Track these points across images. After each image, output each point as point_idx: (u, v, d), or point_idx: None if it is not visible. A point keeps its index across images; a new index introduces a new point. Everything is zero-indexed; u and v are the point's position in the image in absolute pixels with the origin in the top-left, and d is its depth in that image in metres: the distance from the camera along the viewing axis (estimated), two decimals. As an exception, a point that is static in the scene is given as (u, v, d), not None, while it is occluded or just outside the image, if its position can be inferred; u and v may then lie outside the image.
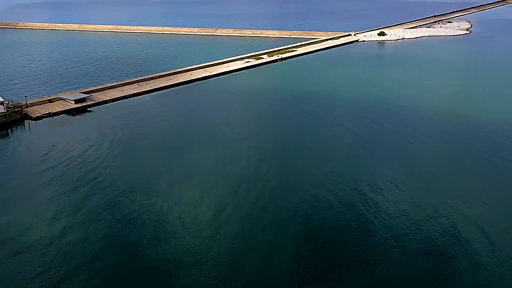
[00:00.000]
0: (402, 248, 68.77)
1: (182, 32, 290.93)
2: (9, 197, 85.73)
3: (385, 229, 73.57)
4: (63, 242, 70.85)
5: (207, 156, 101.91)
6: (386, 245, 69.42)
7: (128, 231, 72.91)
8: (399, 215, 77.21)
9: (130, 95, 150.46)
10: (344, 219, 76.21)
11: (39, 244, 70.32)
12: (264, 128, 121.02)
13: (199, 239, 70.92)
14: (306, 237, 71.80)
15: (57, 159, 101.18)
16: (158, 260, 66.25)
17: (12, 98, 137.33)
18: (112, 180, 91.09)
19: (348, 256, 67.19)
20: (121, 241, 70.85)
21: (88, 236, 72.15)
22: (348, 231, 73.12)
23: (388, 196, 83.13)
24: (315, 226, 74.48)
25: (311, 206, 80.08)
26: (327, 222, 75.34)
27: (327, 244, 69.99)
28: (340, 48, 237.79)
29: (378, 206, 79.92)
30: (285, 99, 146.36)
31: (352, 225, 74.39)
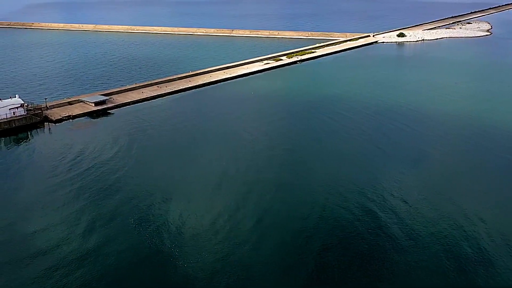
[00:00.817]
0: (423, 252, 67.77)
1: (198, 32, 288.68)
2: (33, 204, 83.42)
3: (403, 231, 72.46)
4: (94, 253, 68.45)
5: (228, 160, 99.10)
6: (404, 247, 68.56)
7: (155, 238, 70.51)
8: (426, 221, 74.35)
9: (150, 98, 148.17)
10: (366, 221, 74.07)
11: (70, 256, 67.84)
12: (285, 132, 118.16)
13: (230, 243, 68.68)
14: (327, 240, 70.33)
15: (78, 165, 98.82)
16: (190, 271, 63.82)
17: (32, 101, 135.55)
18: (136, 186, 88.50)
19: (366, 258, 66.40)
20: (150, 250, 68.46)
21: (121, 248, 69.63)
22: (371, 235, 71.19)
23: (410, 202, 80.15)
24: (340, 231, 72.50)
25: (336, 210, 77.53)
26: (354, 225, 72.83)
27: (348, 246, 69.19)
28: (359, 49, 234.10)
29: (400, 210, 77.08)
30: (306, 102, 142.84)
31: (372, 226, 72.73)
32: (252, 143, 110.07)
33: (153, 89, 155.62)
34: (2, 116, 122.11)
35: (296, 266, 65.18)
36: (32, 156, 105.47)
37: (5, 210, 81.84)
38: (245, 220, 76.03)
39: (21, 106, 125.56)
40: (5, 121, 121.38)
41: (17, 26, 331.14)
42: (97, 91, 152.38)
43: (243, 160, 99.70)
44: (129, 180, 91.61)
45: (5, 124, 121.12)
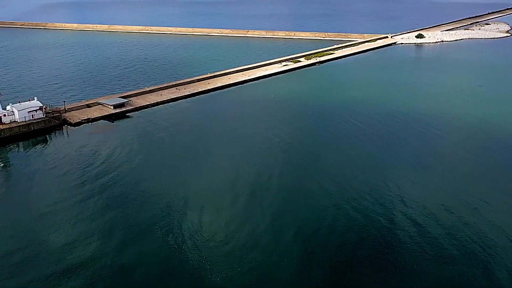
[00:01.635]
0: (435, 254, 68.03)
1: (213, 33, 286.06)
2: (55, 213, 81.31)
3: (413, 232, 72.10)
4: (125, 265, 65.99)
5: (247, 165, 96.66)
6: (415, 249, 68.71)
7: (184, 247, 67.88)
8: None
9: (169, 100, 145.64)
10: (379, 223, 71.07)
11: (98, 269, 65.63)
12: (305, 136, 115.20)
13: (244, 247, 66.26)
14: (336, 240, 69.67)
15: (99, 171, 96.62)
16: None
17: (50, 103, 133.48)
18: (158, 193, 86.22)
19: (379, 261, 66.54)
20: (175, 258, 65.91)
21: (150, 259, 67.18)
22: (385, 238, 70.05)
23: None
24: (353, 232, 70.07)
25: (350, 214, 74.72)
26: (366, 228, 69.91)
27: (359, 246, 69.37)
28: (378, 51, 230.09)
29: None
30: (326, 106, 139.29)
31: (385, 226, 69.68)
32: (273, 148, 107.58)
33: (172, 91, 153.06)
34: (21, 119, 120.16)
35: (311, 268, 65.33)
36: (51, 160, 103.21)
37: (27, 218, 79.89)
38: (270, 228, 74.41)
39: (40, 109, 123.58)
40: (24, 124, 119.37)
41: (31, 27, 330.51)
42: (116, 93, 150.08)
43: (262, 165, 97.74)
44: (151, 186, 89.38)
45: (24, 127, 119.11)
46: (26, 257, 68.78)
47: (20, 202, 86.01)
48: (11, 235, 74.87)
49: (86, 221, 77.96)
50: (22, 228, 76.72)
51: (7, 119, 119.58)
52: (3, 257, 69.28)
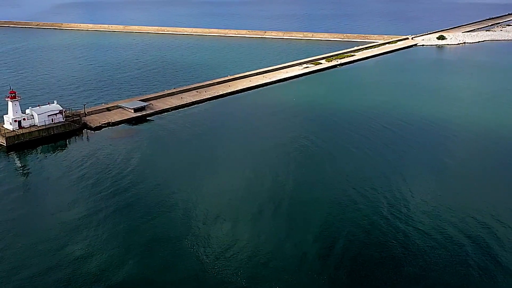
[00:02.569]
0: None
1: (229, 34, 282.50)
2: (73, 217, 79.05)
3: None
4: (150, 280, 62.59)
5: (270, 171, 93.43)
6: None
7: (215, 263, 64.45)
8: None
9: (189, 103, 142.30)
10: None
11: (116, 274, 62.26)
12: (327, 141, 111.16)
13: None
14: None
15: (119, 177, 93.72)
16: None
17: (69, 106, 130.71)
18: (180, 202, 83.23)
19: (387, 265, 65.59)
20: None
21: (178, 275, 63.75)
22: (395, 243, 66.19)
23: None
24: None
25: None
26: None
27: None
28: (399, 52, 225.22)
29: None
30: (347, 110, 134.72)
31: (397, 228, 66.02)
32: (295, 153, 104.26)
33: (192, 94, 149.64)
34: (41, 123, 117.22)
35: (333, 275, 64.14)
36: (71, 166, 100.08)
37: (47, 225, 77.33)
38: (292, 235, 71.74)
39: (60, 112, 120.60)
40: (43, 128, 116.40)
41: (46, 27, 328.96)
42: (135, 96, 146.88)
43: (284, 171, 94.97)
44: (174, 193, 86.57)
45: (43, 131, 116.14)
46: (44, 266, 66.32)
47: (40, 208, 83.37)
48: (31, 242, 72.19)
49: (106, 229, 75.29)
50: (41, 235, 74.15)
51: (26, 123, 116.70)
52: (22, 264, 66.87)
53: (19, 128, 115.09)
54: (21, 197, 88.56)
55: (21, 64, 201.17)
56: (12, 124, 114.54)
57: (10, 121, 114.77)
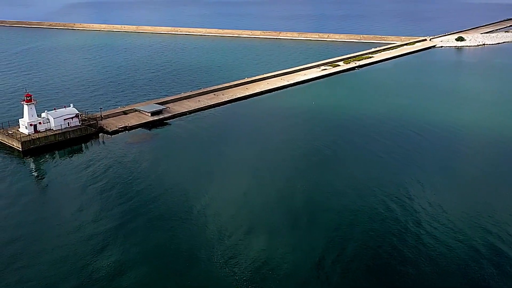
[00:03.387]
0: None
1: (243, 35, 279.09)
2: (89, 225, 76.51)
3: None
4: None
5: (291, 178, 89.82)
6: None
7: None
8: None
9: (207, 107, 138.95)
10: None
11: None
12: (347, 147, 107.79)
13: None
14: None
15: (137, 183, 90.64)
16: None
17: (84, 109, 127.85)
18: (200, 207, 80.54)
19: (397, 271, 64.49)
20: None
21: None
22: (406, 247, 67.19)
23: None
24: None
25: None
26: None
27: None
28: (417, 54, 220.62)
29: None
30: (368, 115, 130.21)
31: None
32: (315, 160, 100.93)
33: (210, 97, 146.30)
34: (57, 127, 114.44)
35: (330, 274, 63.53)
36: (88, 172, 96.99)
37: (62, 232, 74.71)
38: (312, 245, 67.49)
39: (76, 116, 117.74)
40: (60, 132, 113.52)
41: (59, 27, 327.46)
42: (152, 99, 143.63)
43: (303, 178, 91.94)
44: (193, 200, 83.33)
45: (59, 135, 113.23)
46: (60, 276, 63.85)
47: (56, 217, 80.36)
48: (46, 249, 70.08)
49: (127, 240, 72.27)
50: (55, 242, 71.81)
51: (42, 127, 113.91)
52: (37, 272, 64.69)
53: (34, 132, 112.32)
54: (37, 203, 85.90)
55: (35, 65, 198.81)
56: (28, 128, 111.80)
57: (25, 125, 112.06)
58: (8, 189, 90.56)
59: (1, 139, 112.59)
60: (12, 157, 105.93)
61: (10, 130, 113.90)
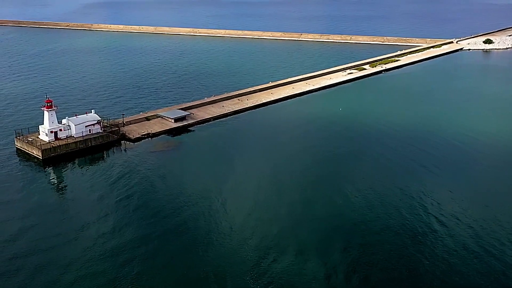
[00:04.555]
0: None
1: (264, 36, 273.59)
2: (111, 237, 73.41)
3: None
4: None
5: (320, 189, 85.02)
6: None
7: None
8: None
9: (231, 113, 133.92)
10: None
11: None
12: (377, 159, 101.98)
13: None
14: None
15: (162, 195, 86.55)
16: None
17: (105, 115, 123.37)
18: (229, 221, 76.69)
19: None
20: None
21: None
22: None
23: None
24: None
25: None
26: None
27: None
28: (445, 57, 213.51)
29: None
30: (397, 123, 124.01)
31: None
32: (345, 173, 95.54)
33: (234, 102, 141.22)
34: (78, 134, 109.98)
35: None
36: (110, 182, 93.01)
37: (83, 245, 71.46)
38: None
39: (98, 123, 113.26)
40: (81, 140, 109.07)
41: (76, 28, 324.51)
42: (174, 104, 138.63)
43: (331, 191, 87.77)
44: (220, 213, 79.75)
45: (81, 143, 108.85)
46: None
47: (76, 228, 76.80)
48: (67, 262, 67.37)
49: (145, 250, 69.86)
50: (77, 255, 68.94)
51: (63, 134, 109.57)
52: None
53: (55, 139, 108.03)
54: (56, 215, 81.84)
55: (54, 68, 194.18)
56: (48, 135, 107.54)
57: (46, 132, 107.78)
58: (27, 200, 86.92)
59: (20, 146, 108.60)
60: (32, 166, 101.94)
61: (29, 137, 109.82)
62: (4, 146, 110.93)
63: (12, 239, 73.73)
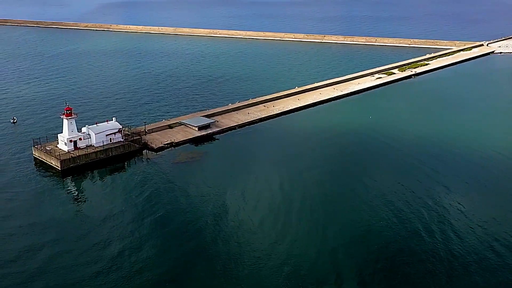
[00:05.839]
0: None
1: (286, 38, 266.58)
2: (130, 255, 69.66)
3: None
4: None
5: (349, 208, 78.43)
6: None
7: None
8: None
9: (257, 120, 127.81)
10: None
11: None
12: (406, 174, 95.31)
13: None
14: None
15: (186, 212, 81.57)
16: None
17: (128, 123, 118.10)
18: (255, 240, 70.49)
19: None
20: None
21: None
22: None
23: None
24: None
25: None
26: None
27: None
28: (476, 61, 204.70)
29: None
30: (429, 134, 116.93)
31: None
32: (371, 188, 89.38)
33: (260, 109, 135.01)
34: (98, 143, 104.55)
35: None
36: (132, 197, 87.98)
37: (101, 263, 67.84)
38: None
39: (119, 131, 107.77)
40: (101, 149, 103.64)
41: (95, 28, 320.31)
42: (198, 111, 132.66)
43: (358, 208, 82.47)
44: (249, 240, 73.53)
45: (101, 153, 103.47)
46: None
47: (95, 243, 73.00)
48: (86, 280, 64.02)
49: (168, 267, 66.92)
50: (96, 272, 65.92)
51: (82, 143, 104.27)
52: None
53: (74, 149, 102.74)
54: (75, 231, 77.06)
55: (73, 71, 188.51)
56: (67, 145, 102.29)
57: (65, 141, 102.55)
58: (45, 214, 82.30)
59: (38, 155, 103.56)
60: (50, 177, 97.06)
61: (48, 145, 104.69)
62: (21, 155, 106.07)
63: (29, 256, 70.14)
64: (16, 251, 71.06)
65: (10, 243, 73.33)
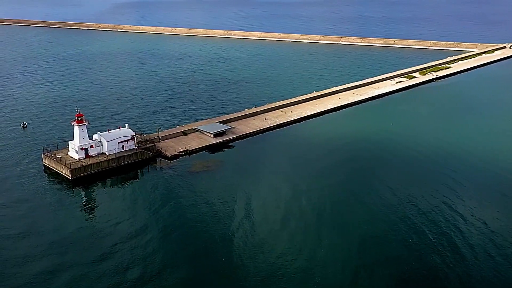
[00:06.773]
0: None
1: (301, 39, 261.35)
2: (142, 269, 67.09)
3: None
4: None
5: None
6: None
7: None
8: None
9: (275, 126, 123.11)
10: None
11: None
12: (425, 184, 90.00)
13: None
14: None
15: (204, 230, 77.09)
16: None
17: (141, 130, 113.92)
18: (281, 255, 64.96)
19: None
20: None
21: None
22: None
23: None
24: None
25: None
26: None
27: None
28: (499, 64, 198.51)
29: None
30: (452, 142, 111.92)
31: None
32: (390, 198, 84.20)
33: (277, 114, 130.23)
34: (110, 151, 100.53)
35: None
36: (145, 208, 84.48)
37: (111, 275, 65.81)
38: None
39: (132, 138, 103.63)
40: (113, 157, 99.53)
41: (107, 29, 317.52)
42: (213, 116, 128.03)
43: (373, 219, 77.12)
44: (268, 255, 69.68)
45: (113, 161, 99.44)
46: None
47: (105, 255, 70.72)
48: None
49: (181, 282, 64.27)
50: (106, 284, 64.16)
51: (94, 151, 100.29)
52: None
53: (85, 157, 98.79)
54: (85, 243, 74.00)
55: (85, 74, 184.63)
56: (78, 153, 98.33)
57: (76, 149, 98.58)
58: (53, 226, 79.05)
59: (48, 164, 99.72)
60: (60, 186, 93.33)
61: (58, 153, 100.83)
62: (31, 163, 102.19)
63: (40, 266, 68.15)
64: (32, 275, 66.79)
65: (27, 265, 69.03)
